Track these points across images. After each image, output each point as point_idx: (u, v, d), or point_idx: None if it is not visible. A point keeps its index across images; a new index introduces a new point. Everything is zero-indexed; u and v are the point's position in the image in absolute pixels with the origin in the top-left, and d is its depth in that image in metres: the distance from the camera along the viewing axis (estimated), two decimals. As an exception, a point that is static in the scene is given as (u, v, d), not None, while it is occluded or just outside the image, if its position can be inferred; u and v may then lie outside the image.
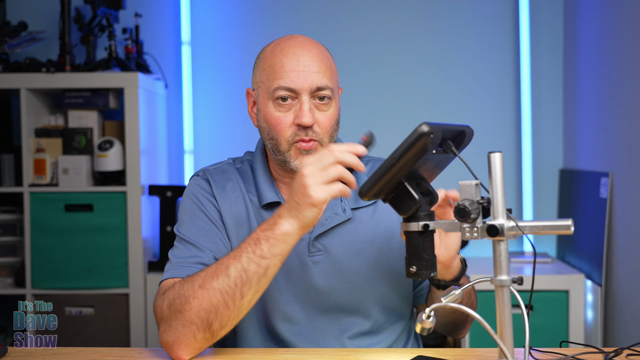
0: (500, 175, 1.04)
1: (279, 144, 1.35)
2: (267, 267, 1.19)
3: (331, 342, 1.38)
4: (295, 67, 1.33)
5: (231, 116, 3.06)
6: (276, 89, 1.33)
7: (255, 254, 1.19)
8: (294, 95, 1.33)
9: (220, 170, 1.46)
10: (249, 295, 1.20)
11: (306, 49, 1.35)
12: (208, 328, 1.20)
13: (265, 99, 1.36)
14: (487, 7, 3.02)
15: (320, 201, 1.15)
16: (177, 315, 1.20)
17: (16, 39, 2.76)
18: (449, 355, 1.27)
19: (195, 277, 1.22)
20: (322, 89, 1.34)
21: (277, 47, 1.37)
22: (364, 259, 1.39)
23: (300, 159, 1.34)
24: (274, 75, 1.34)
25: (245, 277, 1.19)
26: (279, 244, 1.19)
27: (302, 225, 1.19)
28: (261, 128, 1.40)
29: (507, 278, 1.05)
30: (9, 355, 1.28)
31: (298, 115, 1.32)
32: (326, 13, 3.05)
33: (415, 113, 3.02)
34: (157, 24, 3.08)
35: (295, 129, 1.33)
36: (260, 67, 1.39)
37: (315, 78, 1.33)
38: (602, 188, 2.42)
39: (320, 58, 1.35)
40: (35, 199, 2.69)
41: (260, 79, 1.38)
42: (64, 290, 2.70)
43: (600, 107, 2.51)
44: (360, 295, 1.39)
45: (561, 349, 1.29)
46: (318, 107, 1.34)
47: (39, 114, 2.82)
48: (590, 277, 2.51)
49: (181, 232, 1.38)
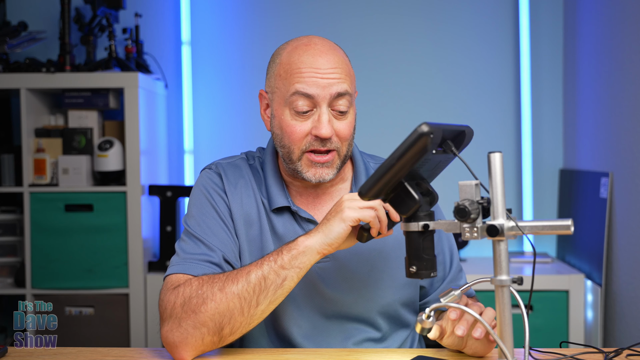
0: (500, 175, 1.04)
1: (291, 153, 1.33)
2: (285, 278, 1.20)
3: (336, 347, 1.38)
4: (314, 72, 1.29)
5: (231, 116, 3.06)
6: (293, 95, 1.30)
7: (276, 263, 1.20)
8: (312, 105, 1.30)
9: (233, 166, 1.43)
10: (264, 304, 1.20)
11: (325, 54, 1.31)
12: (218, 332, 1.20)
13: (281, 105, 1.33)
14: (487, 7, 3.02)
15: (350, 218, 1.18)
16: (191, 315, 1.19)
17: (16, 39, 2.76)
18: (449, 355, 1.27)
19: (215, 279, 1.22)
20: (342, 95, 1.31)
21: (295, 52, 1.33)
22: (371, 267, 1.38)
23: (313, 170, 1.32)
24: (291, 80, 1.30)
25: (264, 285, 1.19)
26: (299, 256, 1.20)
27: (326, 240, 1.20)
28: (274, 134, 1.37)
29: (507, 278, 1.05)
30: (9, 355, 1.28)
31: (316, 126, 1.30)
32: (326, 13, 3.05)
33: (415, 113, 3.02)
34: (157, 24, 3.08)
35: (311, 138, 1.31)
36: (276, 73, 1.34)
37: (335, 85, 1.30)
38: (602, 188, 2.42)
39: (339, 63, 1.32)
40: (35, 199, 2.69)
41: (276, 84, 1.34)
42: (64, 290, 2.70)
43: (600, 107, 2.51)
44: (366, 304, 1.38)
45: (561, 349, 1.29)
46: (336, 117, 1.32)
47: (39, 114, 2.82)
48: (590, 277, 2.50)
49: (190, 226, 1.35)
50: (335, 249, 1.21)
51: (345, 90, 1.31)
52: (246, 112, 3.05)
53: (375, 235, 1.21)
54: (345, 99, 1.31)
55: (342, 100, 1.31)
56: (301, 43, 1.34)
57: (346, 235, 1.20)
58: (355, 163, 1.45)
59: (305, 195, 1.41)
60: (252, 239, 1.37)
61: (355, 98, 1.38)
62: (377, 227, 1.20)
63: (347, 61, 1.36)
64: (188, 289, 1.22)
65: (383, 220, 1.20)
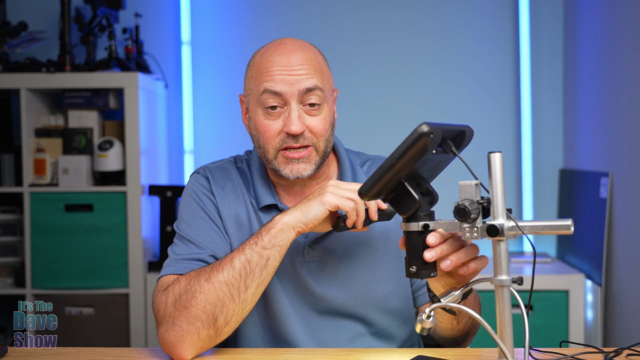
0: (500, 175, 1.04)
1: (267, 152, 1.34)
2: (268, 258, 1.22)
3: (332, 346, 1.38)
4: (281, 69, 1.31)
5: (231, 116, 3.05)
6: (263, 94, 1.32)
7: (257, 245, 1.22)
8: (282, 102, 1.32)
9: (220, 169, 1.45)
10: (252, 287, 1.21)
11: (293, 52, 1.33)
12: (213, 324, 1.20)
13: (255, 106, 1.35)
14: (487, 7, 3.02)
15: (329, 202, 1.22)
16: (183, 311, 1.20)
17: (16, 39, 2.76)
18: (449, 355, 1.27)
19: (201, 272, 1.23)
20: (312, 90, 1.32)
21: (265, 53, 1.36)
22: (360, 262, 1.39)
23: (290, 167, 1.33)
24: (260, 80, 1.33)
25: (249, 268, 1.21)
26: (278, 234, 1.22)
27: (302, 219, 1.22)
28: (252, 136, 1.39)
29: (507, 278, 1.05)
30: (9, 355, 1.28)
31: (287, 123, 1.31)
32: (326, 13, 3.05)
33: (415, 113, 3.02)
34: (157, 24, 3.08)
35: (284, 136, 1.32)
36: (249, 75, 1.38)
37: (303, 80, 1.31)
38: (602, 188, 2.42)
39: (307, 60, 1.33)
40: (35, 199, 2.69)
41: (249, 86, 1.37)
42: (64, 290, 2.70)
43: (600, 107, 2.51)
44: (357, 300, 1.38)
45: (561, 349, 1.29)
46: (308, 112, 1.33)
47: (39, 114, 2.83)
48: (590, 277, 2.51)
49: (181, 230, 1.38)
50: (309, 229, 1.24)
51: (314, 85, 1.32)
52: (246, 112, 3.05)
53: (350, 226, 1.24)
54: (315, 94, 1.32)
55: (313, 96, 1.32)
56: (272, 45, 1.37)
57: (322, 218, 1.23)
58: (340, 160, 1.46)
59: (292, 193, 1.43)
60: (244, 239, 1.37)
61: (332, 94, 1.39)
62: (354, 219, 1.23)
63: (319, 58, 1.37)
64: (177, 286, 1.24)
65: (360, 215, 1.23)
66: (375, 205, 1.24)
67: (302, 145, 1.33)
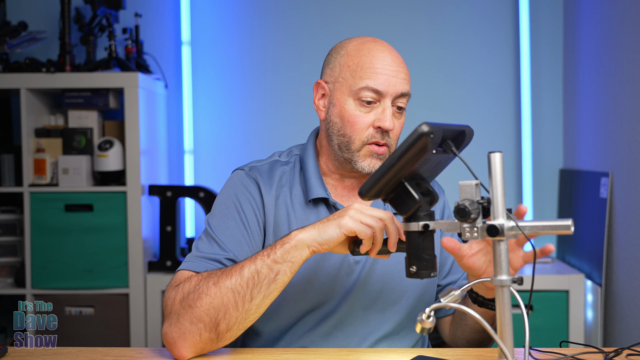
0: (500, 175, 1.04)
1: (351, 142, 1.36)
2: (278, 272, 1.20)
3: (356, 340, 1.40)
4: (385, 70, 1.35)
5: (231, 116, 3.05)
6: (363, 89, 1.34)
7: (269, 258, 1.21)
8: (378, 98, 1.35)
9: (270, 170, 1.45)
10: (258, 299, 1.20)
11: (394, 54, 1.38)
12: (215, 328, 1.20)
13: (345, 95, 1.36)
14: (487, 7, 3.02)
15: (346, 226, 1.19)
16: (187, 310, 1.20)
17: (16, 39, 2.76)
18: (449, 355, 1.27)
19: (212, 275, 1.23)
20: (404, 95, 1.38)
21: (364, 47, 1.38)
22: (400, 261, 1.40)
23: (369, 161, 1.36)
24: (361, 74, 1.35)
25: (257, 279, 1.20)
26: (292, 250, 1.20)
27: (317, 238, 1.20)
28: (332, 123, 1.39)
29: (507, 278, 1.05)
30: (9, 355, 1.28)
31: (380, 118, 1.34)
32: (326, 13, 3.05)
33: (415, 113, 3.01)
34: (157, 24, 3.08)
35: (373, 130, 1.35)
36: (342, 63, 1.38)
37: (401, 84, 1.36)
38: (602, 188, 2.42)
39: (404, 65, 1.40)
40: (35, 199, 2.69)
41: (342, 75, 1.38)
42: (64, 290, 2.70)
43: (600, 107, 2.51)
44: (391, 295, 1.41)
45: (561, 349, 1.29)
46: (394, 114, 1.37)
47: (39, 114, 2.82)
48: (590, 277, 2.51)
49: (210, 225, 1.37)
50: (325, 250, 1.22)
51: (407, 91, 1.39)
52: (246, 112, 3.05)
53: (363, 252, 1.22)
54: (405, 99, 1.39)
55: (403, 100, 1.38)
56: (368, 40, 1.40)
57: (338, 241, 1.20)
58: None
59: (339, 188, 1.45)
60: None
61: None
62: (367, 247, 1.21)
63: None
64: (187, 285, 1.24)
65: (376, 244, 1.21)
66: (395, 237, 1.21)
67: (385, 144, 1.36)
